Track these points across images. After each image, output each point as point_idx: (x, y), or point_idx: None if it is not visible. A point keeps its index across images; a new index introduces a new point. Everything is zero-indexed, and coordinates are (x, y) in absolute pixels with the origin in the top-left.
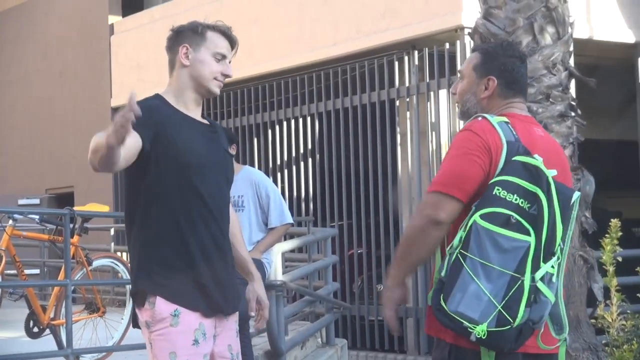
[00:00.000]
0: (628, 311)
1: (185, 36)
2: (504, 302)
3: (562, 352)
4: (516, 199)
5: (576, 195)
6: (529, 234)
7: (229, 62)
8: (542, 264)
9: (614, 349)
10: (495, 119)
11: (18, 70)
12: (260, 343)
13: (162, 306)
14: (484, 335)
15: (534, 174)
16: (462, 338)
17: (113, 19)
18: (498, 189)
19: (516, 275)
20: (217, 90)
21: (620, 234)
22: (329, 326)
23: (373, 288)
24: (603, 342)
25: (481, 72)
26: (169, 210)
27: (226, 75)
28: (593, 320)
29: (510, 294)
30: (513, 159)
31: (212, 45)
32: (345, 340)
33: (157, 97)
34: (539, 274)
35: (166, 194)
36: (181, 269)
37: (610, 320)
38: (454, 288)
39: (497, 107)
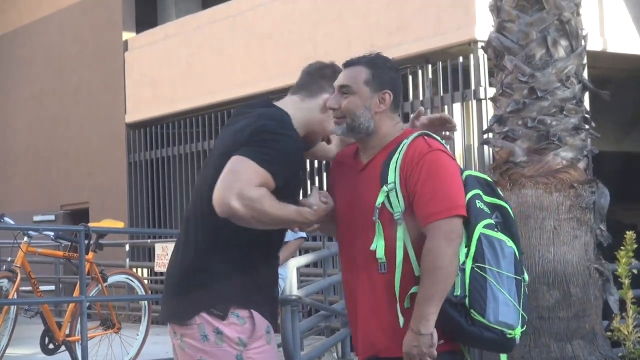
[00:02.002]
0: None
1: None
2: (521, 305)
3: None
4: (488, 211)
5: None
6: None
7: None
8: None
9: None
10: (436, 137)
11: (33, 89)
12: None
13: (260, 322)
14: (517, 338)
15: (491, 187)
16: (451, 344)
17: (127, 35)
18: (478, 202)
19: (518, 278)
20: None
21: (635, 246)
22: (345, 341)
23: None
24: (619, 354)
25: (375, 86)
26: (259, 250)
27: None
28: (609, 333)
29: (521, 296)
30: (466, 174)
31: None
32: None
33: (291, 120)
34: (526, 276)
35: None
36: (267, 283)
37: (626, 332)
38: (486, 300)
39: (385, 122)
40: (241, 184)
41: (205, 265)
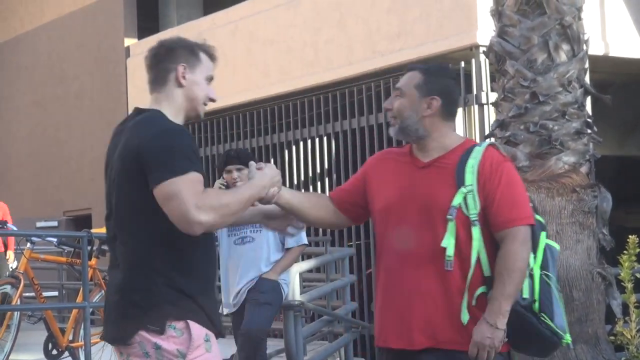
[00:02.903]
0: None
1: (180, 55)
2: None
3: None
4: (542, 221)
5: None
6: None
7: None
8: None
9: None
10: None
11: (35, 95)
12: None
13: (197, 331)
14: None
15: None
16: (507, 345)
17: (129, 41)
18: (536, 216)
19: (558, 290)
20: (203, 115)
21: (638, 250)
22: (348, 346)
23: None
24: (622, 359)
25: (424, 90)
26: (202, 250)
27: (211, 100)
28: (612, 337)
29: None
30: None
31: (205, 68)
32: None
33: (166, 117)
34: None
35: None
36: (206, 289)
37: (629, 337)
38: (553, 306)
39: (437, 127)
40: (192, 201)
41: (137, 284)
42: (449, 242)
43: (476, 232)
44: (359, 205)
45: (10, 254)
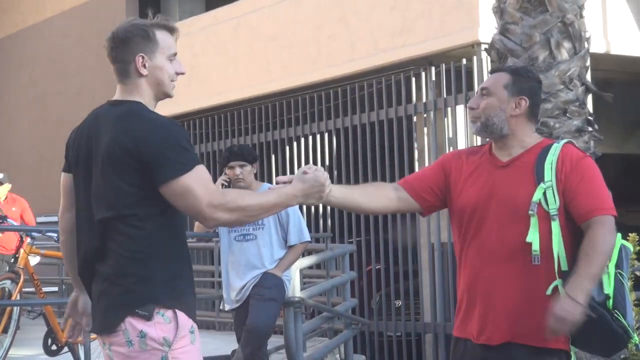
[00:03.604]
0: None
1: (135, 44)
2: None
3: None
4: None
5: None
6: None
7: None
8: None
9: None
10: None
11: (36, 90)
12: None
13: (184, 321)
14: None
15: None
16: (567, 344)
17: None
18: None
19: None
20: (173, 93)
21: (638, 248)
22: (348, 342)
23: (391, 304)
24: (622, 357)
25: (513, 91)
26: (177, 224)
27: (180, 73)
28: None
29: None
30: None
31: (166, 48)
32: (363, 357)
33: (147, 107)
34: None
35: (171, 212)
36: (191, 282)
37: None
38: (626, 304)
39: (522, 127)
40: (205, 197)
41: (129, 270)
42: (533, 237)
43: (555, 227)
44: (435, 194)
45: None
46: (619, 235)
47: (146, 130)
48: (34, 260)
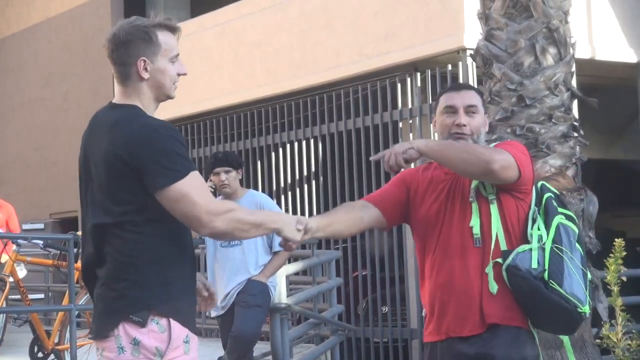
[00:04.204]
0: (633, 331)
1: (136, 47)
2: (587, 292)
3: None
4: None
5: None
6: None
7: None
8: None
9: None
10: None
11: (22, 97)
12: None
13: (177, 331)
14: (587, 314)
15: (560, 199)
16: (524, 321)
17: None
18: (554, 202)
19: (585, 270)
20: (174, 94)
21: (624, 253)
22: (334, 348)
23: (378, 310)
24: (596, 338)
25: (484, 108)
26: (176, 230)
27: (182, 74)
28: (598, 341)
29: (587, 286)
30: (540, 183)
31: (168, 50)
32: None
33: (144, 112)
34: (589, 275)
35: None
36: (189, 289)
37: (615, 340)
38: (563, 274)
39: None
40: (203, 204)
41: (124, 275)
42: (474, 222)
43: (493, 209)
44: (397, 209)
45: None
46: (558, 216)
47: (139, 137)
48: (21, 273)
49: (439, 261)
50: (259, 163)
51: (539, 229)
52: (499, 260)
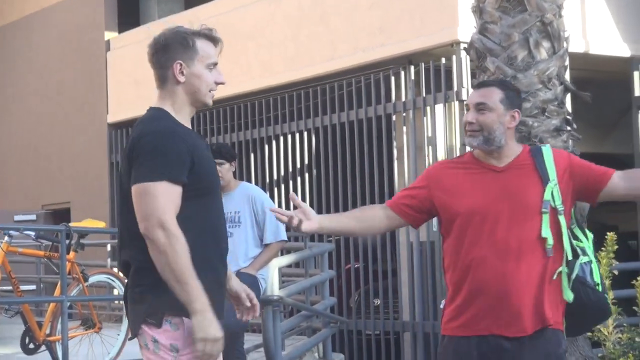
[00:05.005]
0: (624, 324)
1: (176, 51)
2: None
3: None
4: None
5: None
6: None
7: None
8: None
9: None
10: None
11: (15, 88)
12: (257, 358)
13: (191, 328)
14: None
15: None
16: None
17: (109, 35)
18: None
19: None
20: (211, 102)
21: (616, 247)
22: (326, 341)
23: (370, 302)
24: (599, 355)
25: (507, 105)
26: (195, 232)
27: (220, 83)
28: (589, 334)
29: None
30: None
31: (205, 56)
32: (342, 355)
33: (166, 115)
34: None
35: (189, 217)
36: (209, 290)
37: (606, 333)
38: (605, 284)
39: (512, 136)
40: (155, 214)
41: (140, 280)
42: (547, 232)
43: (562, 220)
44: (421, 209)
45: None
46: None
47: (142, 137)
48: None
49: (488, 260)
50: (252, 155)
51: (587, 239)
52: (564, 268)
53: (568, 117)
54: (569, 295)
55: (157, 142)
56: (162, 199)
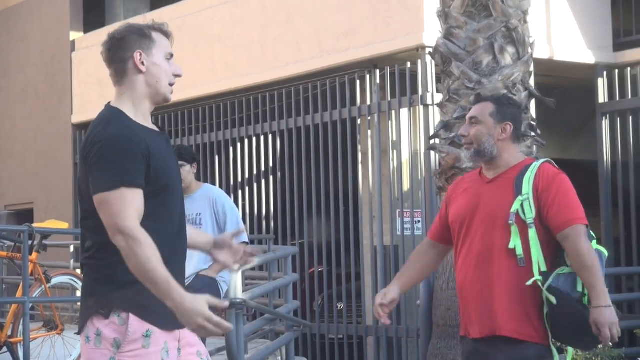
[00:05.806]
0: None
1: (133, 41)
2: None
3: None
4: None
5: None
6: None
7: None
8: None
9: None
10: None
11: None
12: None
13: (135, 325)
14: None
15: None
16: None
17: (74, 35)
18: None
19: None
20: (171, 97)
21: None
22: (289, 344)
23: (334, 306)
24: None
25: (498, 118)
26: (149, 232)
27: (177, 76)
28: None
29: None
30: None
31: (162, 46)
32: (305, 359)
33: (121, 117)
34: None
35: (146, 216)
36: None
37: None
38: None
39: (507, 148)
40: (119, 220)
41: (96, 274)
42: (516, 243)
43: (532, 233)
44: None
45: None
46: (594, 241)
47: (95, 142)
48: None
49: (463, 266)
50: (216, 158)
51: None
52: (539, 278)
53: (532, 122)
54: (551, 299)
55: (109, 150)
56: (117, 206)
